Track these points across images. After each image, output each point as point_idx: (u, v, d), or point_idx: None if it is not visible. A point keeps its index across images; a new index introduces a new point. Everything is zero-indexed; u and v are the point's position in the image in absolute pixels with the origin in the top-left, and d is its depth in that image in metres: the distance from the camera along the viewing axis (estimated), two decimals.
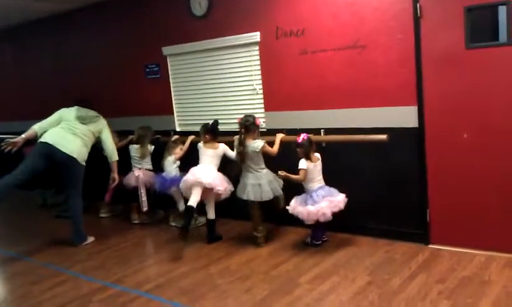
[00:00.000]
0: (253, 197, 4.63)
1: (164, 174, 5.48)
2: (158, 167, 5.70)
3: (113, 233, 5.62)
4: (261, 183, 4.61)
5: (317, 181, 4.45)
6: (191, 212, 4.78)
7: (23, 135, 5.13)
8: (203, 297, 3.83)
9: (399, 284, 3.70)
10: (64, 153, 5.01)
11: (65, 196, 5.38)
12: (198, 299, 3.79)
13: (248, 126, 4.62)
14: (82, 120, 5.18)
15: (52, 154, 5.03)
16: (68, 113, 5.25)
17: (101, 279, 4.32)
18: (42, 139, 5.12)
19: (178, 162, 5.47)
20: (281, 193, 4.66)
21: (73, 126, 5.15)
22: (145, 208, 5.75)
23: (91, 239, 5.35)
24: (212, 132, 4.97)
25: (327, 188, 4.45)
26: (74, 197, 5.19)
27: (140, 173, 5.74)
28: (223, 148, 4.92)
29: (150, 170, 5.80)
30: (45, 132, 5.16)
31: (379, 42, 4.29)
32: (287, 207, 4.51)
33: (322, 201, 4.34)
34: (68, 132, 5.13)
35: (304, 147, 4.40)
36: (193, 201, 4.76)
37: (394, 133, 4.30)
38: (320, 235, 4.58)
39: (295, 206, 4.46)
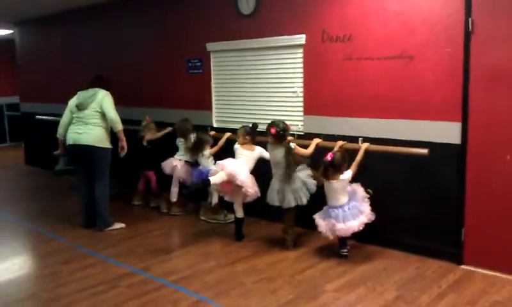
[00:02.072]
0: (277, 202, 4.66)
1: (200, 167, 5.49)
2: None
3: (144, 221, 5.68)
4: (285, 190, 4.59)
5: (334, 199, 4.39)
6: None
7: (59, 150, 5.56)
8: (227, 293, 3.83)
9: (428, 302, 3.61)
10: (84, 145, 5.13)
11: (85, 179, 5.36)
12: (223, 295, 3.80)
13: (285, 134, 4.61)
14: (81, 107, 5.20)
15: (78, 151, 5.22)
16: (72, 105, 5.32)
17: (129, 265, 4.38)
18: (67, 142, 5.31)
19: (212, 157, 5.49)
20: (305, 203, 4.60)
21: (78, 116, 5.22)
22: (174, 199, 5.81)
23: (119, 225, 5.39)
24: (250, 134, 4.97)
25: (342, 210, 4.33)
26: (99, 183, 5.24)
27: (178, 164, 5.79)
28: (259, 150, 4.92)
29: (189, 163, 5.81)
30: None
31: (426, 54, 4.21)
32: (314, 216, 4.49)
33: (340, 221, 4.29)
34: (77, 124, 5.22)
35: (324, 165, 4.35)
36: (216, 178, 4.67)
37: (435, 148, 4.20)
38: (346, 244, 4.51)
39: (318, 218, 4.46)
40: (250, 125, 5.04)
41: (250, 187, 4.78)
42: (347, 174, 4.36)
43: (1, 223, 5.89)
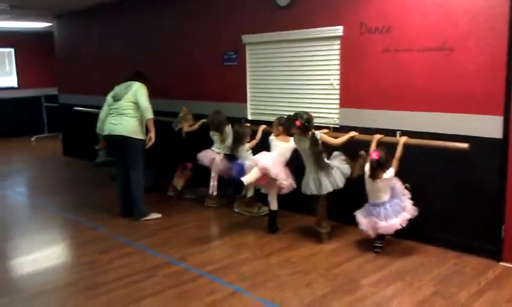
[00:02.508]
0: (314, 190, 4.61)
1: (239, 161, 5.42)
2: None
3: (179, 212, 5.75)
4: (320, 177, 4.57)
5: (376, 197, 4.34)
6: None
7: (100, 144, 5.81)
8: (262, 285, 3.85)
9: (466, 298, 3.56)
10: (118, 135, 5.25)
11: (122, 169, 5.47)
12: (258, 286, 3.82)
13: (309, 125, 4.59)
14: (116, 97, 5.34)
15: (114, 142, 5.35)
16: (109, 97, 5.48)
17: (166, 255, 4.44)
18: (103, 133, 5.45)
19: (250, 150, 5.49)
20: (341, 186, 4.58)
21: (114, 107, 5.35)
22: (214, 193, 5.83)
23: (155, 215, 5.47)
24: (283, 126, 4.96)
25: (383, 207, 4.28)
26: (133, 173, 5.33)
27: (217, 157, 5.79)
28: (293, 142, 4.87)
29: (227, 155, 5.81)
30: None
31: (468, 46, 4.11)
32: (355, 213, 4.47)
33: (382, 219, 4.25)
34: (113, 115, 5.34)
35: (371, 165, 4.28)
36: (248, 178, 4.72)
37: (475, 142, 4.10)
38: (384, 238, 4.47)
39: (359, 216, 4.44)
40: (285, 117, 5.02)
41: (284, 179, 4.78)
42: (390, 172, 4.28)
43: (41, 212, 6.07)
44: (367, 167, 4.34)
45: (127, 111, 5.27)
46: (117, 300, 3.63)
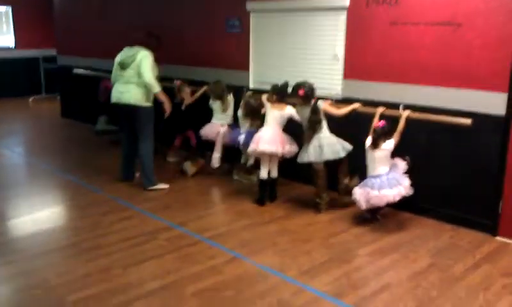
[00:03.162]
0: (313, 157, 4.61)
1: (247, 129, 5.41)
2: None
3: (179, 178, 5.76)
4: (321, 144, 4.58)
5: (373, 169, 4.36)
6: (265, 184, 4.93)
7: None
8: (262, 251, 3.91)
9: (462, 271, 3.63)
10: (125, 104, 5.16)
11: (127, 136, 5.41)
12: (257, 252, 3.88)
13: (312, 94, 4.62)
14: (122, 66, 5.19)
15: (121, 110, 5.26)
16: (116, 63, 5.29)
17: (166, 219, 4.49)
18: (111, 100, 5.35)
19: None
20: (342, 155, 4.57)
21: (120, 74, 5.23)
22: (217, 165, 5.85)
23: (162, 185, 5.36)
24: (280, 93, 4.93)
25: (380, 179, 4.29)
26: (142, 142, 5.24)
27: (222, 129, 5.77)
28: (289, 110, 4.87)
29: (230, 125, 5.83)
30: None
31: (476, 22, 4.09)
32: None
33: (375, 189, 4.25)
34: (119, 83, 5.24)
35: (376, 133, 4.31)
36: (264, 172, 4.87)
37: (478, 118, 4.12)
38: (375, 210, 4.49)
39: (356, 188, 4.44)
40: (279, 84, 4.98)
41: (283, 150, 4.80)
42: (390, 143, 4.32)
43: (40, 173, 6.07)
44: (369, 138, 4.36)
45: (133, 79, 5.14)
46: (118, 262, 3.68)
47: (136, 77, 5.12)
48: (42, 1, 11.60)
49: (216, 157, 5.83)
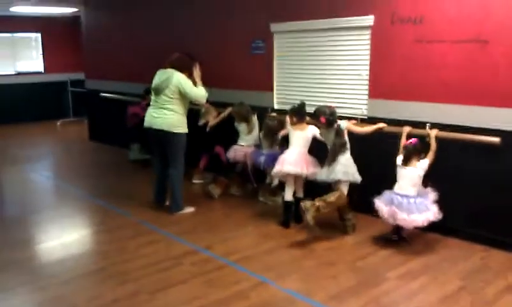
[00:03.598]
0: (324, 176, 4.60)
1: (269, 151, 5.45)
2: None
3: (204, 200, 5.78)
4: (335, 164, 4.54)
5: (401, 187, 4.29)
6: (289, 206, 4.91)
7: None
8: (288, 275, 3.88)
9: (494, 293, 3.54)
10: (156, 129, 5.14)
11: (159, 161, 5.41)
12: (283, 276, 3.85)
13: (334, 118, 4.63)
14: (156, 91, 5.16)
15: (152, 135, 5.24)
16: (152, 86, 5.26)
17: (192, 243, 4.50)
18: (144, 125, 5.35)
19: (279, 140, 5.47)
20: (358, 179, 4.55)
21: (154, 100, 5.22)
22: (255, 185, 5.87)
23: (189, 209, 5.37)
24: (298, 114, 4.92)
25: (408, 200, 4.19)
26: (173, 168, 5.22)
27: (249, 150, 5.79)
28: (312, 130, 4.87)
29: (255, 146, 5.85)
30: None
31: (503, 38, 4.03)
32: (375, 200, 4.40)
33: (403, 212, 4.17)
34: (153, 107, 5.23)
35: (407, 150, 4.26)
36: (288, 194, 4.87)
37: (506, 136, 4.06)
38: (397, 231, 4.43)
39: (379, 203, 4.36)
40: (295, 105, 5.00)
41: (307, 172, 4.79)
42: (425, 162, 4.27)
43: (68, 197, 6.18)
44: (399, 156, 4.33)
45: (168, 105, 5.10)
46: (145, 287, 3.69)
47: (171, 102, 5.10)
48: (70, 27, 11.93)
49: (252, 178, 5.85)
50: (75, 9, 10.05)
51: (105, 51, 9.09)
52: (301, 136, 4.88)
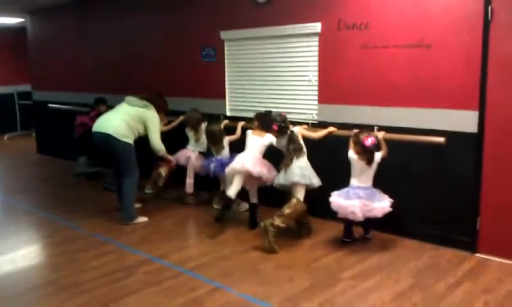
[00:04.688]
0: (282, 179, 4.60)
1: (219, 157, 5.44)
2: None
3: (157, 209, 5.70)
4: (292, 167, 4.54)
5: (358, 179, 4.38)
6: (230, 203, 4.88)
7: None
8: (244, 280, 3.87)
9: (444, 289, 3.64)
10: (101, 132, 5.02)
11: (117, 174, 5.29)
12: (240, 282, 3.83)
13: (286, 125, 4.70)
14: (129, 102, 5.16)
15: (97, 140, 5.11)
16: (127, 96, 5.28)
17: (146, 253, 4.42)
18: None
19: (227, 147, 5.49)
20: (315, 184, 4.56)
21: (119, 107, 5.19)
22: (190, 190, 5.82)
23: (142, 219, 5.28)
24: (260, 121, 4.96)
25: (371, 190, 4.35)
26: (124, 177, 5.13)
27: (192, 155, 5.82)
28: (269, 138, 4.89)
29: (202, 153, 5.86)
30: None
31: (444, 43, 4.18)
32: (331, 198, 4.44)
33: (357, 199, 4.27)
34: (110, 113, 5.18)
35: (370, 151, 4.32)
36: (233, 191, 4.80)
37: (451, 136, 4.20)
38: (351, 233, 4.53)
39: (333, 196, 4.40)
40: (261, 112, 5.06)
41: (267, 173, 4.80)
42: (378, 155, 4.39)
43: (16, 211, 5.95)
44: (351, 151, 4.39)
45: (126, 116, 5.04)
46: (97, 299, 3.59)
47: (131, 117, 5.05)
48: (15, 38, 11.55)
49: (189, 182, 5.81)
50: (20, 19, 9.75)
51: (52, 61, 8.86)
52: (259, 142, 4.90)
